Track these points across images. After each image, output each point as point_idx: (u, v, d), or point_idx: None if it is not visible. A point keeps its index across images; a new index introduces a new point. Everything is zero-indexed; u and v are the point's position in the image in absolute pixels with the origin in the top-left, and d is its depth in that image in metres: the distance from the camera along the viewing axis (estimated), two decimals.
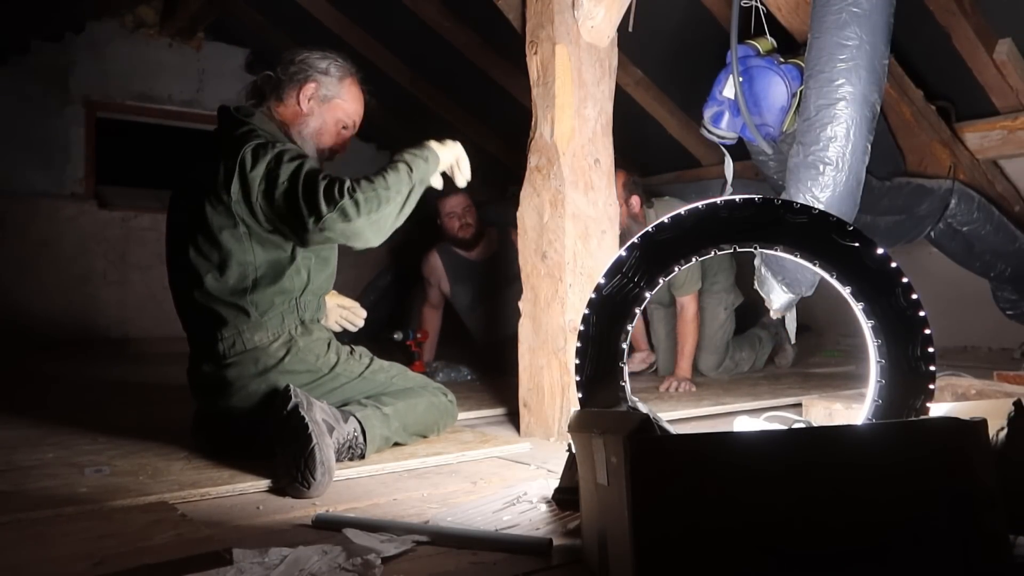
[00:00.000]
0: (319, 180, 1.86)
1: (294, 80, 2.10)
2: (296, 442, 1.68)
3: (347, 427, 1.90)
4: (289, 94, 2.10)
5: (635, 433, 1.00)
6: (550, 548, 1.29)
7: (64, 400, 3.16)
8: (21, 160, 5.26)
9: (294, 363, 1.99)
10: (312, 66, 2.11)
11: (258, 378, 1.97)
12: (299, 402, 1.76)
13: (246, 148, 1.92)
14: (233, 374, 1.97)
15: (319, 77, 2.11)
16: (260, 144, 1.94)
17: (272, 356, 1.98)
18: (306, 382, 1.99)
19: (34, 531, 1.44)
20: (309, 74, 2.10)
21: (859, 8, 2.25)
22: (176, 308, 2.13)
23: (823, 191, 2.25)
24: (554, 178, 2.26)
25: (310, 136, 2.12)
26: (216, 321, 1.99)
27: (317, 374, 2.02)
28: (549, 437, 2.25)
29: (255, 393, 1.96)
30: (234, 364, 1.97)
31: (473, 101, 5.44)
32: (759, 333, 3.86)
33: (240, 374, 1.97)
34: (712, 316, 3.58)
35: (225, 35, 5.93)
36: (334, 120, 2.15)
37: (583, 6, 2.25)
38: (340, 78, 2.16)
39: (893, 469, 1.04)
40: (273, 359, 1.98)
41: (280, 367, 1.97)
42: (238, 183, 1.90)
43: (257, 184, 1.90)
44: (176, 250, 2.07)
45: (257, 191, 1.90)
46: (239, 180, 1.90)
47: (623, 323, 1.51)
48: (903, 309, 1.48)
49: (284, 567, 1.19)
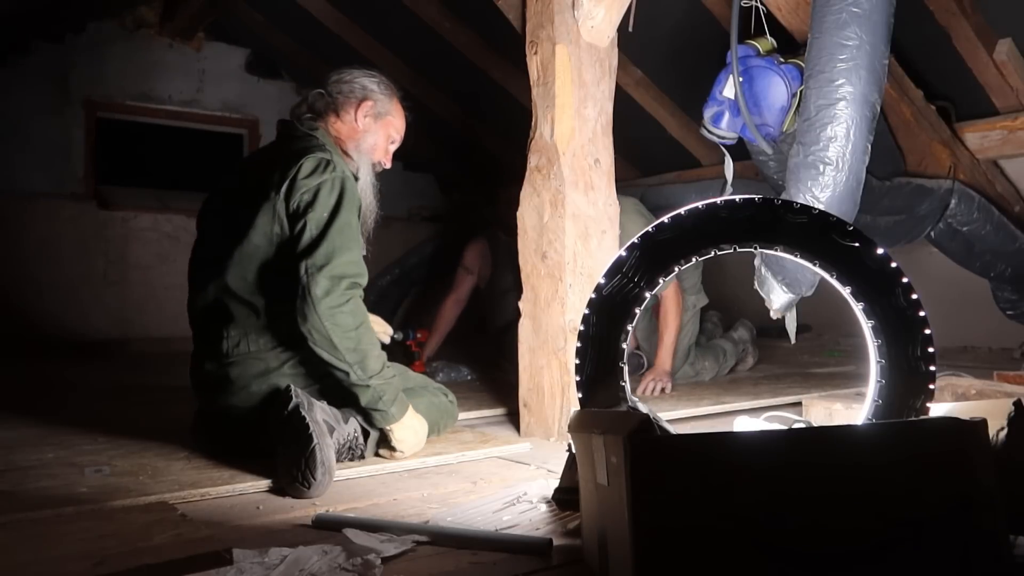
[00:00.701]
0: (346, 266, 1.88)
1: (351, 97, 2.16)
2: (297, 442, 1.68)
3: (347, 428, 1.91)
4: (347, 111, 2.16)
5: (635, 433, 1.00)
6: (550, 548, 1.29)
7: (64, 400, 3.16)
8: (21, 160, 5.26)
9: (296, 367, 1.99)
10: (366, 85, 2.18)
11: (259, 379, 1.97)
12: (300, 402, 1.76)
13: (308, 157, 1.96)
14: (235, 373, 1.97)
15: (374, 95, 2.18)
16: (324, 159, 1.97)
17: (275, 360, 1.98)
18: (307, 384, 1.99)
19: (34, 531, 1.44)
20: (365, 92, 2.17)
21: (859, 8, 2.25)
22: (188, 303, 2.12)
23: (823, 191, 2.25)
24: (554, 178, 2.26)
25: (366, 151, 2.18)
26: (225, 318, 1.99)
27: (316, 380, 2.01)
28: (549, 437, 2.25)
29: (256, 393, 1.96)
30: (237, 363, 1.97)
31: (473, 101, 5.44)
32: (724, 346, 3.73)
33: (242, 373, 1.97)
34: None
35: (225, 35, 5.93)
36: (386, 136, 2.22)
37: (583, 6, 2.25)
38: (390, 96, 2.23)
39: (893, 469, 1.04)
40: (275, 363, 1.98)
41: (282, 370, 1.98)
42: (288, 184, 1.93)
43: (301, 192, 1.92)
44: (206, 242, 2.09)
45: (299, 199, 1.92)
46: (289, 181, 1.94)
47: (623, 323, 1.51)
48: (903, 309, 1.48)
49: (284, 567, 1.19)
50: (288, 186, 1.93)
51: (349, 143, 2.15)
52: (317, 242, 1.88)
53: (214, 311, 2.02)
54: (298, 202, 1.92)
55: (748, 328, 3.96)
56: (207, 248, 2.08)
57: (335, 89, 2.16)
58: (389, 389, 1.95)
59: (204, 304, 2.05)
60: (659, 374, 3.17)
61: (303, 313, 1.85)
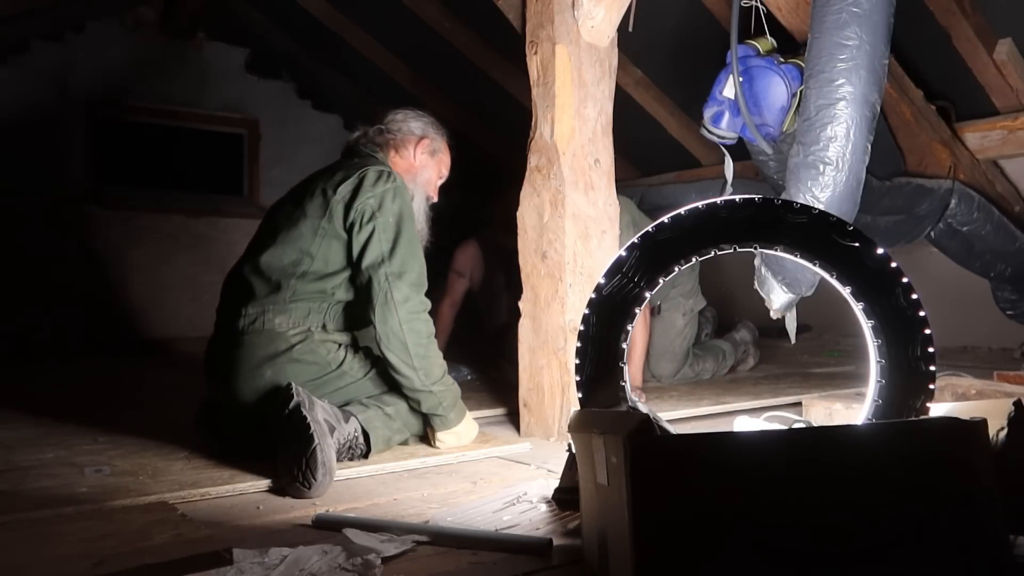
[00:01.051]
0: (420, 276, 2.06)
1: (410, 136, 2.32)
2: (298, 442, 1.68)
3: (348, 427, 1.91)
4: (406, 147, 2.31)
5: (635, 433, 1.00)
6: (550, 548, 1.29)
7: (63, 400, 3.16)
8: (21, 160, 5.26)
9: (305, 353, 2.02)
10: (423, 125, 2.35)
11: (268, 362, 2.00)
12: (301, 401, 1.77)
13: (371, 168, 2.10)
14: (245, 353, 2.01)
15: (431, 134, 2.35)
16: (386, 171, 2.11)
17: (286, 342, 2.02)
18: (313, 375, 2.02)
19: (34, 531, 1.44)
20: (424, 131, 2.34)
21: (859, 8, 2.25)
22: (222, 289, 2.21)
23: (823, 191, 2.25)
24: (554, 178, 2.26)
25: (421, 184, 2.32)
26: (247, 294, 2.06)
27: (325, 368, 2.04)
28: (549, 437, 2.25)
29: (261, 379, 1.98)
30: (248, 343, 2.01)
31: (473, 101, 5.44)
32: (723, 347, 3.72)
33: (251, 354, 2.00)
34: (669, 323, 3.41)
35: (225, 35, 5.93)
36: (437, 172, 2.40)
37: (583, 6, 2.25)
38: (442, 136, 2.40)
39: (893, 469, 1.04)
40: (286, 344, 2.01)
41: (291, 354, 2.01)
42: (353, 189, 2.06)
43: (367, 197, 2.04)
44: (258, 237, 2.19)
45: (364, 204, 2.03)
46: (354, 187, 2.06)
47: (623, 323, 1.51)
48: (903, 309, 1.48)
49: (284, 567, 1.19)
50: (352, 190, 2.05)
51: (406, 176, 2.25)
52: (392, 250, 2.02)
53: (238, 289, 2.09)
54: (365, 206, 2.03)
55: (750, 330, 3.95)
56: (257, 241, 2.18)
57: (395, 127, 2.32)
58: (448, 396, 2.08)
59: (235, 281, 2.13)
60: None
61: (383, 317, 1.98)
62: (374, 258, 2.00)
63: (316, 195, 2.10)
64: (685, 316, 3.44)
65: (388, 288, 1.98)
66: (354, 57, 5.28)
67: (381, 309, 1.98)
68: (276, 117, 6.11)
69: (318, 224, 2.05)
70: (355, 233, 2.03)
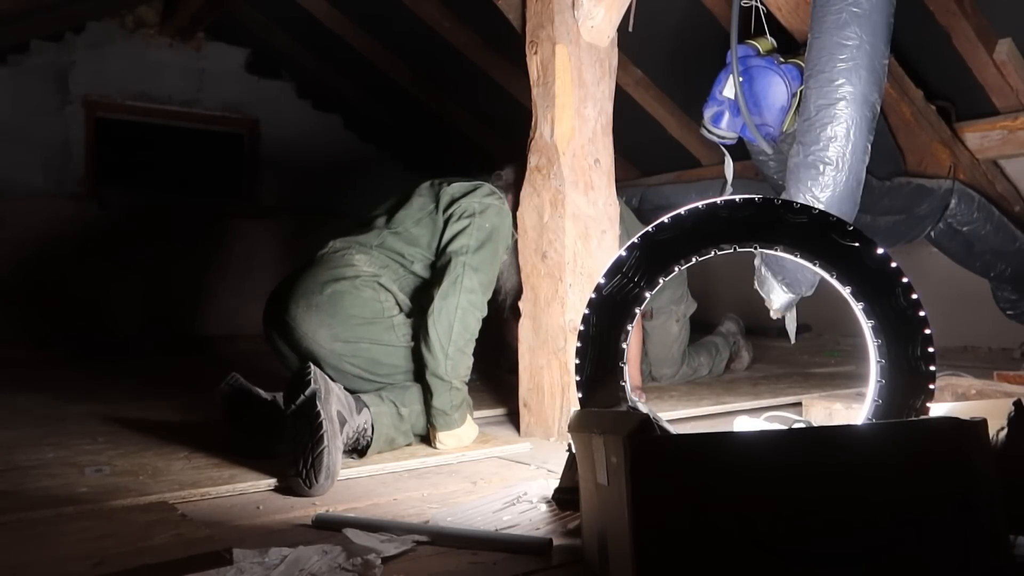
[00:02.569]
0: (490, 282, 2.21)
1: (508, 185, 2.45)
2: (309, 437, 1.68)
3: (359, 419, 1.92)
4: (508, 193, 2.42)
5: (635, 433, 1.00)
6: (550, 548, 1.29)
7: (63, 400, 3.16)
8: (21, 160, 5.26)
9: (367, 288, 2.11)
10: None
11: (332, 282, 2.09)
12: (317, 389, 1.76)
13: (487, 186, 2.31)
14: (315, 270, 2.13)
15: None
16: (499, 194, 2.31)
17: (356, 272, 2.12)
18: (366, 314, 2.09)
19: (34, 531, 1.44)
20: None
21: (859, 8, 2.24)
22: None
23: (823, 191, 2.24)
24: (554, 178, 2.26)
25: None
26: (346, 232, 2.24)
27: (379, 314, 2.12)
28: (549, 437, 2.25)
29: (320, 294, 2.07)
30: (321, 262, 2.14)
31: (473, 101, 5.44)
32: (715, 340, 3.74)
33: (320, 272, 2.12)
34: (664, 331, 3.42)
35: (225, 35, 5.93)
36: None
37: (583, 6, 2.25)
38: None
39: (893, 469, 1.04)
40: (354, 273, 2.11)
41: (356, 282, 2.10)
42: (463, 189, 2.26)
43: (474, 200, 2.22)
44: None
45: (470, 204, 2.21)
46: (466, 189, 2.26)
47: (623, 323, 1.51)
48: (903, 309, 1.48)
49: (284, 567, 1.19)
50: (465, 192, 2.24)
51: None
52: (478, 248, 2.15)
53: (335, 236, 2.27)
54: (468, 206, 2.20)
55: (734, 320, 3.94)
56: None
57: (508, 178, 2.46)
58: (460, 397, 2.10)
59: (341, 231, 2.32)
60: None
61: (446, 293, 2.07)
62: (460, 246, 2.13)
63: (430, 187, 2.31)
64: (679, 322, 3.47)
65: (462, 273, 2.09)
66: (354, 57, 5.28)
67: (448, 286, 2.07)
68: (276, 117, 6.12)
69: (425, 204, 2.26)
70: (451, 222, 2.18)
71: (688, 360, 3.53)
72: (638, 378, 3.13)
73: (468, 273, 2.09)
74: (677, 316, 3.45)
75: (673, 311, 3.44)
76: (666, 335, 3.43)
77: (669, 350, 3.44)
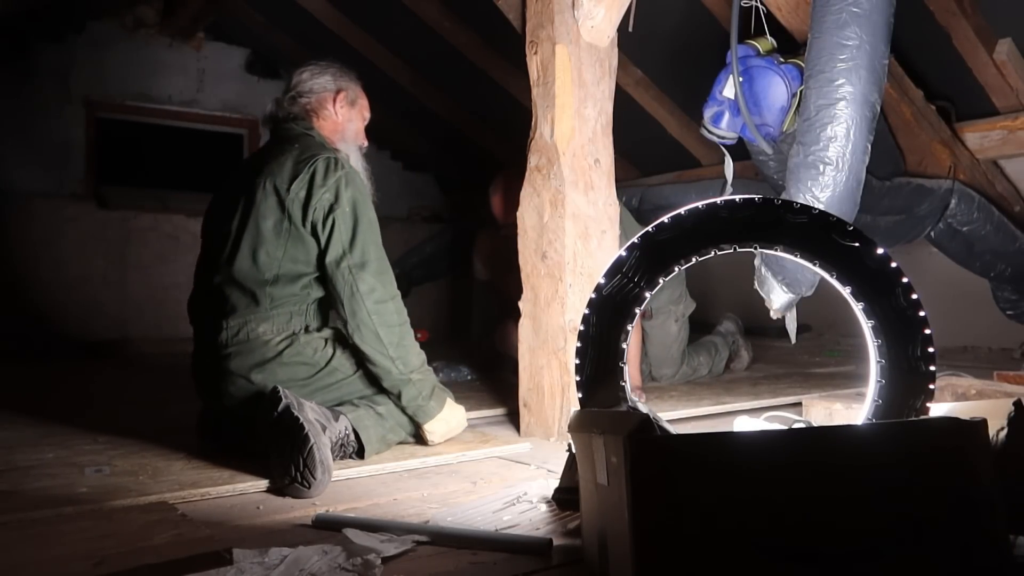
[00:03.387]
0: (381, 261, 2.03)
1: (324, 93, 2.22)
2: (292, 443, 1.68)
3: (339, 425, 1.91)
4: (324, 107, 2.22)
5: (635, 433, 1.00)
6: (550, 548, 1.29)
7: (64, 400, 3.16)
8: (21, 160, 5.25)
9: (292, 356, 2.01)
10: (333, 76, 2.24)
11: (256, 369, 1.99)
12: (290, 403, 1.76)
13: (319, 159, 2.03)
14: (234, 364, 1.99)
15: (343, 83, 2.25)
16: (333, 158, 2.04)
17: (273, 349, 2.00)
18: (303, 376, 2.01)
19: (34, 531, 1.44)
20: (336, 84, 2.24)
21: (859, 8, 2.25)
22: (189, 300, 2.17)
23: (823, 191, 2.24)
24: (554, 178, 2.26)
25: (351, 139, 2.25)
26: (225, 309, 2.02)
27: (315, 368, 2.03)
28: (549, 437, 2.25)
29: (252, 385, 1.98)
30: (235, 354, 1.99)
31: (473, 101, 5.44)
32: (714, 340, 3.74)
33: (240, 365, 1.99)
34: (664, 331, 3.43)
35: (225, 35, 5.93)
36: (361, 118, 2.30)
37: (583, 6, 2.25)
38: (354, 80, 2.30)
39: (893, 469, 1.04)
40: (273, 352, 2.00)
41: (279, 359, 2.00)
42: (307, 187, 2.00)
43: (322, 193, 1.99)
44: (212, 244, 2.13)
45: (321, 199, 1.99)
46: (308, 185, 2.00)
47: (623, 323, 1.51)
48: (903, 309, 1.48)
49: (284, 567, 1.19)
50: (306, 190, 1.99)
51: (335, 136, 2.22)
52: (352, 242, 1.99)
53: (214, 303, 2.05)
54: (321, 203, 1.99)
55: (733, 320, 3.95)
56: (213, 249, 2.12)
57: (305, 89, 2.21)
58: (427, 385, 2.06)
59: (205, 293, 2.09)
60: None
61: (351, 309, 1.97)
62: (336, 253, 1.98)
63: (268, 193, 2.02)
64: (678, 322, 3.47)
65: (352, 281, 1.97)
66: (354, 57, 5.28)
67: (349, 303, 1.97)
68: None
69: (279, 226, 2.00)
70: (319, 232, 2.00)
71: (688, 360, 3.53)
72: (638, 378, 3.13)
73: (358, 277, 1.97)
74: (676, 316, 3.46)
75: (672, 311, 3.44)
76: (665, 335, 3.43)
77: (668, 350, 3.44)
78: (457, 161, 6.36)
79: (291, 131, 2.15)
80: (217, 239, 2.10)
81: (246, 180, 2.10)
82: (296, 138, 2.13)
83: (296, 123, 2.17)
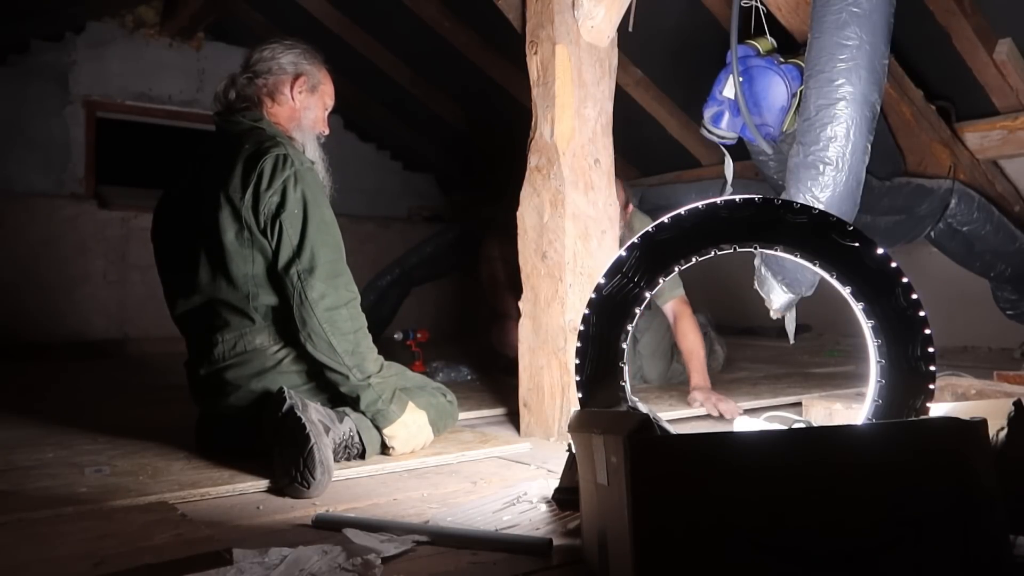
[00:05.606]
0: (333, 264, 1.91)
1: (282, 76, 2.08)
2: (294, 443, 1.68)
3: (343, 427, 1.91)
4: (281, 91, 2.08)
5: (635, 433, 1.00)
6: (550, 548, 1.29)
7: (64, 400, 3.16)
8: (21, 160, 5.26)
9: (291, 363, 1.99)
10: (294, 59, 2.09)
11: (255, 378, 1.97)
12: (294, 403, 1.76)
13: (265, 158, 1.91)
14: (231, 375, 1.97)
15: (304, 68, 2.10)
16: (281, 156, 1.92)
17: (271, 358, 1.98)
18: (303, 382, 1.99)
19: (34, 531, 1.44)
20: (296, 67, 2.09)
21: (859, 8, 2.25)
22: (170, 308, 2.10)
23: (823, 191, 2.24)
24: (554, 178, 2.26)
25: (308, 127, 2.11)
26: (219, 324, 1.99)
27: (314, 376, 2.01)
28: (549, 437, 2.25)
29: (252, 392, 1.96)
30: (233, 366, 1.97)
31: (473, 101, 5.44)
32: None
33: (238, 375, 1.97)
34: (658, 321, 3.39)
35: (225, 35, 5.93)
36: (322, 106, 2.15)
37: (583, 6, 2.25)
38: (318, 65, 2.14)
39: (893, 469, 1.04)
40: (272, 361, 1.98)
41: (278, 368, 1.98)
42: (252, 191, 1.90)
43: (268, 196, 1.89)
44: (175, 248, 2.07)
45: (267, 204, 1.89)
46: (253, 189, 1.90)
47: (623, 323, 1.51)
48: (903, 309, 1.48)
49: (284, 567, 1.19)
50: (253, 193, 1.89)
51: (291, 124, 2.09)
52: (300, 245, 1.88)
53: (206, 318, 2.01)
54: (268, 206, 1.89)
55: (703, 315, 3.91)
56: (178, 253, 2.05)
57: (263, 69, 2.07)
58: (387, 388, 1.97)
59: (191, 309, 2.03)
60: (707, 393, 2.81)
61: (301, 318, 1.87)
62: (285, 258, 1.88)
63: (222, 204, 1.92)
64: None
65: (301, 287, 1.86)
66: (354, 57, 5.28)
67: (298, 311, 1.87)
68: None
69: (240, 236, 1.92)
70: (269, 237, 1.90)
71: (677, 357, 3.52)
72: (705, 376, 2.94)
73: (307, 283, 1.86)
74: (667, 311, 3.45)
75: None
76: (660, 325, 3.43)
77: (662, 341, 3.42)
78: (457, 161, 6.37)
79: (239, 125, 2.03)
80: (183, 252, 2.02)
81: (199, 187, 2.01)
82: (245, 134, 2.01)
83: (244, 115, 2.04)
